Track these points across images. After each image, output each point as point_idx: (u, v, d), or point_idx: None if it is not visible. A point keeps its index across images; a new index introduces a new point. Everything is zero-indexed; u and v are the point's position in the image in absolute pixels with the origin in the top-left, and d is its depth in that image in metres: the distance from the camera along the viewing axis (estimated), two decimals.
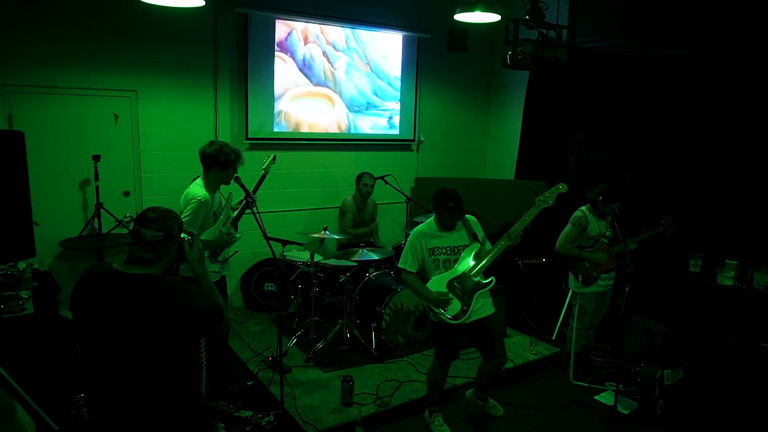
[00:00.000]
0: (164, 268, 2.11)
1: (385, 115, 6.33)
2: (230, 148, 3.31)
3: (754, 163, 4.60)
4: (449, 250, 3.28)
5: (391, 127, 6.41)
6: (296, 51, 5.61)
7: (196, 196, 3.20)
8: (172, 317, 1.95)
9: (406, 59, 6.37)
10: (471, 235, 3.33)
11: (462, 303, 3.24)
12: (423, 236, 3.28)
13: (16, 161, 3.07)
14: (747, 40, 4.59)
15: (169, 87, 5.01)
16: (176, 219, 2.14)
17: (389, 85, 6.30)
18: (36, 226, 3.56)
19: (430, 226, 3.32)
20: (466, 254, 3.29)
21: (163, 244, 2.06)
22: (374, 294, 4.60)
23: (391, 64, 6.28)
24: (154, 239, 2.03)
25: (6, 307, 3.34)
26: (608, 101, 5.62)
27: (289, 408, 3.54)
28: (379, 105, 6.24)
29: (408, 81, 6.43)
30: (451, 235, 3.30)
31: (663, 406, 3.68)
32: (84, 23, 4.55)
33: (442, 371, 3.43)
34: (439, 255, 3.28)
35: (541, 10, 4.78)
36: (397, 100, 6.40)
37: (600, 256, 4.12)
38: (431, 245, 3.27)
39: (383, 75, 6.24)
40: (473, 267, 3.27)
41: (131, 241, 2.05)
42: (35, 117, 4.45)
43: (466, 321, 3.24)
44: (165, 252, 2.09)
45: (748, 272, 4.11)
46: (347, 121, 6.05)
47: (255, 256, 5.57)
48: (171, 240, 2.09)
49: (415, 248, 3.28)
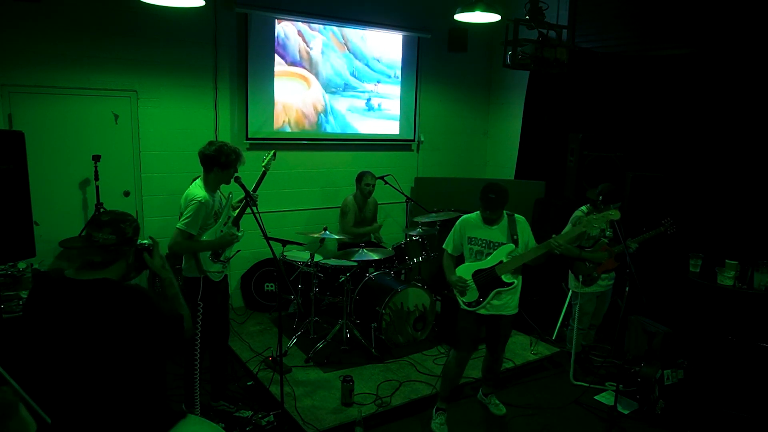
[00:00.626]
0: (119, 273, 2.06)
1: (363, 96, 6.13)
2: (230, 148, 3.31)
3: (754, 163, 4.60)
4: (485, 243, 3.41)
5: (370, 109, 6.20)
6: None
7: (197, 197, 3.19)
8: (126, 323, 1.90)
9: (406, 59, 6.36)
10: (512, 235, 3.41)
11: (479, 294, 3.39)
12: (466, 224, 3.48)
13: (16, 161, 3.08)
14: (747, 40, 4.59)
15: (169, 87, 5.01)
16: (131, 222, 2.09)
17: (367, 66, 6.10)
18: (36, 226, 3.57)
19: (476, 216, 3.47)
20: (499, 251, 3.39)
21: (116, 248, 2.01)
22: (374, 294, 4.60)
23: (369, 45, 6.07)
24: (107, 242, 1.99)
25: (6, 307, 3.34)
26: (608, 101, 5.62)
27: (289, 408, 3.54)
28: (357, 86, 6.06)
29: (408, 81, 6.43)
30: (491, 230, 3.41)
31: (663, 406, 3.67)
32: (84, 23, 4.55)
33: (458, 365, 3.48)
34: (474, 245, 3.44)
35: (541, 10, 4.78)
36: (376, 82, 6.19)
37: (600, 256, 4.12)
38: (470, 234, 3.45)
39: (361, 55, 6.03)
40: (502, 264, 3.37)
41: (82, 245, 2.01)
42: (35, 117, 4.45)
43: (481, 311, 3.41)
44: (118, 256, 2.04)
45: (748, 272, 4.11)
46: (323, 102, 5.85)
47: (255, 256, 5.57)
48: (124, 243, 2.04)
49: (456, 233, 3.51)
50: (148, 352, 2.00)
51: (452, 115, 6.96)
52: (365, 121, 6.21)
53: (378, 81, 6.22)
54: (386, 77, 6.28)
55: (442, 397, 3.55)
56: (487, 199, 3.31)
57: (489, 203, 3.31)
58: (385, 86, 6.30)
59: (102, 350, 1.91)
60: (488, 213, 3.35)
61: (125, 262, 2.09)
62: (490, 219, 3.39)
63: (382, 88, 6.27)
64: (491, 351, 3.61)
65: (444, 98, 6.86)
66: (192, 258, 3.27)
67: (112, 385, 1.94)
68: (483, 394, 3.84)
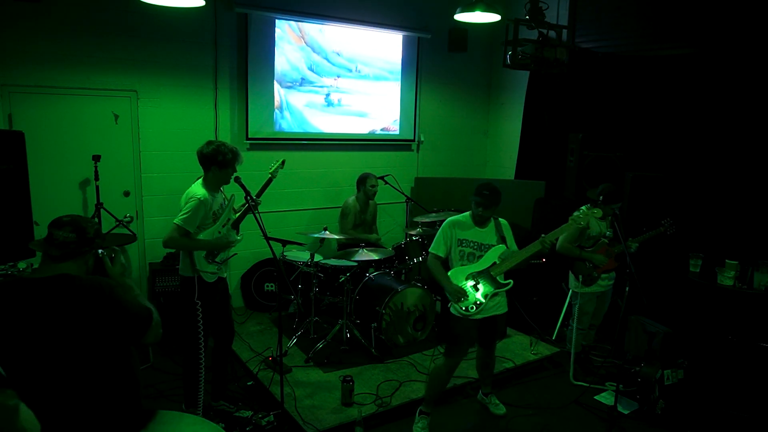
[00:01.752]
0: (79, 272, 2.05)
1: (322, 92, 5.84)
2: (227, 147, 3.30)
3: (754, 163, 4.60)
4: (476, 245, 3.38)
5: (330, 104, 5.91)
6: None
7: (196, 194, 3.19)
8: (87, 312, 1.90)
9: (406, 59, 6.36)
10: (500, 237, 3.41)
11: (476, 299, 3.34)
12: (456, 225, 3.41)
13: (16, 161, 3.08)
14: (746, 40, 4.59)
15: (169, 87, 5.01)
16: (92, 224, 2.10)
17: (326, 60, 5.82)
18: (36, 226, 3.57)
19: (465, 218, 3.43)
20: (492, 252, 3.37)
21: (76, 246, 2.02)
22: (374, 294, 4.60)
23: (327, 38, 5.80)
24: (66, 240, 2.01)
25: None
26: (608, 101, 5.62)
27: (289, 408, 3.54)
28: (315, 81, 5.78)
29: (408, 81, 6.43)
30: (481, 231, 3.39)
31: (663, 406, 3.67)
32: (84, 23, 4.55)
33: (448, 372, 3.45)
34: (465, 247, 3.39)
35: (541, 10, 4.78)
36: (335, 76, 5.89)
37: (600, 257, 4.12)
38: (461, 236, 3.39)
39: (320, 49, 5.76)
40: (496, 266, 3.35)
41: (42, 242, 2.03)
42: (35, 117, 4.45)
43: (476, 316, 3.34)
44: (76, 254, 2.04)
45: (748, 272, 4.11)
46: (279, 97, 5.60)
47: (255, 256, 5.57)
48: (84, 243, 2.05)
49: (446, 235, 3.41)
50: (112, 346, 1.98)
51: (452, 115, 6.96)
52: (325, 117, 5.92)
53: (338, 75, 5.93)
54: (347, 71, 5.99)
55: (429, 401, 3.51)
56: (483, 195, 3.28)
57: (485, 200, 3.28)
58: (346, 81, 6.00)
59: (64, 345, 1.89)
60: (481, 210, 3.31)
61: (84, 263, 2.08)
62: (482, 219, 3.36)
63: (343, 82, 5.98)
64: (486, 348, 3.61)
65: (444, 98, 6.86)
66: (187, 257, 3.27)
67: (78, 382, 1.92)
68: (483, 394, 3.84)
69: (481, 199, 3.29)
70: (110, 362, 1.98)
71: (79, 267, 2.06)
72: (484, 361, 3.69)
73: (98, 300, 1.93)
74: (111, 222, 4.64)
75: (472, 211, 3.40)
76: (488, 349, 3.62)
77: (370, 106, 6.24)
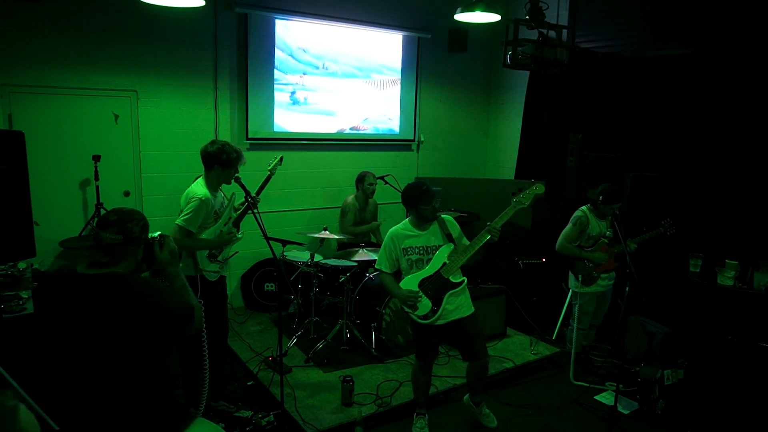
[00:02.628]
0: (128, 269, 2.08)
1: (287, 89, 5.67)
2: (231, 147, 3.32)
3: (754, 163, 4.60)
4: (422, 249, 3.27)
5: (294, 103, 5.71)
6: None
7: (197, 194, 3.20)
8: (135, 314, 1.92)
9: (406, 59, 6.36)
10: (446, 235, 3.30)
11: (432, 303, 3.22)
12: (397, 237, 3.30)
13: (16, 161, 3.07)
14: (746, 40, 4.59)
15: (169, 87, 5.01)
16: (138, 221, 2.10)
17: (291, 57, 5.62)
18: (36, 226, 3.57)
19: (404, 225, 3.34)
20: (439, 254, 3.26)
21: (122, 247, 2.03)
22: (374, 294, 4.60)
23: (293, 34, 5.60)
24: (113, 242, 2.01)
25: (6, 307, 3.34)
26: (608, 101, 5.62)
27: (289, 408, 3.54)
28: (279, 78, 5.59)
29: (408, 81, 6.43)
30: (424, 235, 3.29)
31: (663, 406, 3.68)
32: (84, 23, 4.55)
33: (423, 372, 3.40)
34: (411, 255, 3.28)
35: (541, 10, 4.78)
36: (301, 74, 5.70)
37: (600, 256, 4.12)
38: (405, 245, 3.28)
39: (284, 46, 5.56)
40: (446, 266, 3.24)
41: (90, 244, 2.05)
42: (35, 117, 4.45)
43: (438, 322, 3.24)
44: (125, 254, 2.06)
45: (748, 272, 4.11)
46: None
47: (255, 256, 5.57)
48: (131, 243, 2.06)
49: (389, 249, 3.31)
50: (157, 346, 2.02)
51: (452, 115, 6.96)
52: (290, 116, 5.72)
53: (304, 73, 5.74)
54: (313, 68, 5.79)
55: (418, 401, 3.50)
56: (426, 193, 3.18)
57: (430, 196, 3.18)
58: (312, 78, 5.80)
59: (111, 344, 1.92)
60: (431, 209, 3.20)
61: (134, 258, 2.10)
62: (426, 220, 3.25)
63: (309, 80, 5.78)
64: (470, 357, 3.37)
65: (444, 98, 6.86)
66: (189, 256, 3.28)
67: (123, 380, 1.96)
68: (473, 403, 3.61)
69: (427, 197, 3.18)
70: (149, 361, 2.00)
71: (128, 264, 2.08)
72: (476, 371, 3.45)
73: (144, 304, 1.95)
74: None
75: (414, 215, 3.29)
76: (474, 359, 3.36)
77: (338, 105, 6.04)
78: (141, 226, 2.11)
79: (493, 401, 3.88)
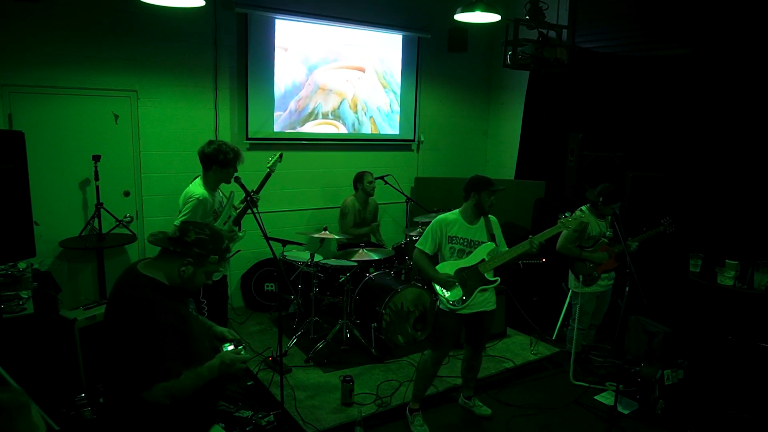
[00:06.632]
0: (173, 274, 2.06)
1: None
2: (229, 146, 3.32)
3: (754, 163, 4.60)
4: (466, 242, 3.39)
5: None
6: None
7: (195, 194, 3.20)
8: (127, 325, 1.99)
9: (406, 59, 6.36)
10: (490, 234, 3.42)
11: (464, 292, 3.35)
12: (446, 223, 3.41)
13: (16, 161, 3.07)
14: (747, 40, 4.59)
15: (169, 87, 5.01)
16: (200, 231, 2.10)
17: (291, 57, 5.60)
18: (36, 226, 3.57)
19: (455, 215, 3.45)
20: (481, 249, 3.38)
21: (168, 243, 2.08)
22: (374, 294, 4.60)
23: (293, 34, 5.55)
24: (168, 234, 2.12)
25: (6, 307, 3.34)
26: (608, 101, 5.62)
27: (289, 408, 3.54)
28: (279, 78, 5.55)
29: (408, 81, 6.43)
30: (472, 228, 3.40)
31: (663, 406, 3.68)
32: (84, 23, 4.55)
33: (435, 365, 3.46)
34: (455, 244, 3.39)
35: (541, 10, 4.78)
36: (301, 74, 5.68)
37: (601, 256, 4.12)
38: (451, 233, 3.39)
39: (284, 46, 5.52)
40: (485, 263, 3.36)
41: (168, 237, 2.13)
42: (35, 117, 4.45)
43: (463, 311, 3.35)
44: (169, 254, 2.07)
45: (748, 272, 4.11)
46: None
47: (255, 256, 5.57)
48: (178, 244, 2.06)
49: (435, 232, 3.41)
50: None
51: (452, 115, 6.96)
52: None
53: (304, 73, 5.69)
54: (313, 68, 5.73)
55: (416, 396, 3.53)
56: (491, 183, 3.36)
57: (493, 188, 3.35)
58: (312, 78, 5.76)
59: (113, 342, 2.02)
60: (490, 201, 3.37)
61: (178, 268, 2.05)
62: (481, 211, 3.40)
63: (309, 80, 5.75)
64: (474, 347, 3.58)
65: (444, 98, 6.86)
66: None
67: (123, 379, 2.02)
68: (465, 397, 3.78)
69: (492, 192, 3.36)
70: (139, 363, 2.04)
71: (171, 269, 2.04)
72: (470, 363, 3.65)
73: (131, 316, 1.98)
74: (111, 222, 4.65)
75: (471, 206, 3.41)
76: (476, 348, 3.58)
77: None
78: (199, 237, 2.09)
79: (493, 401, 3.88)
